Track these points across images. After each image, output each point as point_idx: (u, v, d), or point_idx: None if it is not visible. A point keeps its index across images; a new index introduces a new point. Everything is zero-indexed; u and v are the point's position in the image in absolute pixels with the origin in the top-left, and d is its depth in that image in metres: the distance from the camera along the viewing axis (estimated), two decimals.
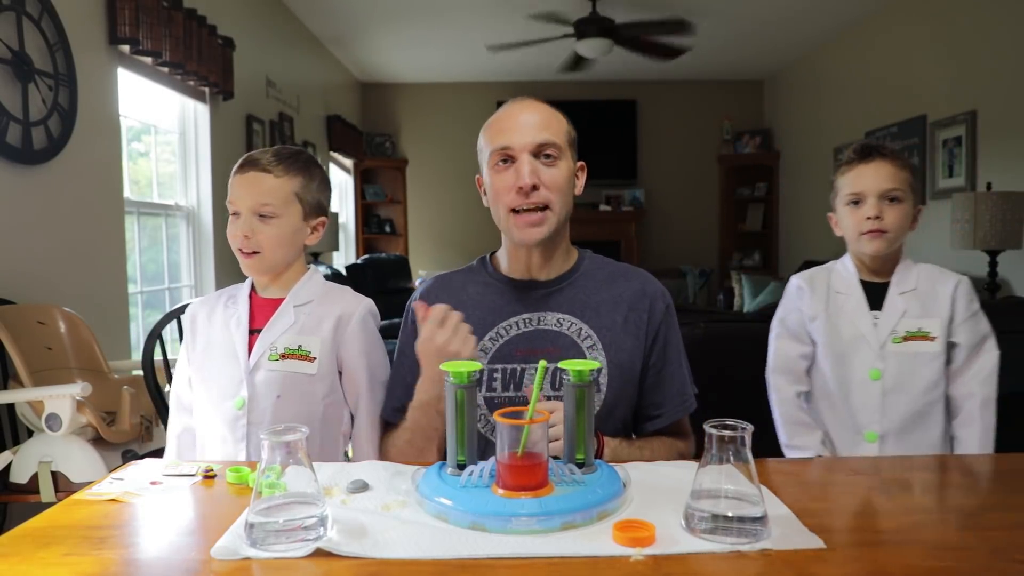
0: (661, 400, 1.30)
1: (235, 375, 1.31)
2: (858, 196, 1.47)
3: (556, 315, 1.27)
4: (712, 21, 5.17)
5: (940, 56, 4.46)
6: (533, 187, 1.20)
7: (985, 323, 1.48)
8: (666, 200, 7.35)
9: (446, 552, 0.78)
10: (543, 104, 1.28)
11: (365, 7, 5.05)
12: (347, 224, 6.93)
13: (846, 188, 1.49)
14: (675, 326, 1.33)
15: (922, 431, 1.44)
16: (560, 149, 1.23)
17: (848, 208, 1.49)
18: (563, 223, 1.27)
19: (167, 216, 3.54)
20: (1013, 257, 3.71)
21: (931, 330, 1.44)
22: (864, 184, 1.46)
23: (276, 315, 1.33)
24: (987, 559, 0.78)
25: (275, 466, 0.82)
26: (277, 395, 1.30)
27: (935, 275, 1.51)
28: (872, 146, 1.49)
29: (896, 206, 1.45)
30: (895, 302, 1.47)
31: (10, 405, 2.04)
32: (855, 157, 1.49)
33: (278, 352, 1.30)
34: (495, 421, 0.90)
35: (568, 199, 1.26)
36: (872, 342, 1.45)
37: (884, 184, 1.45)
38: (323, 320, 1.33)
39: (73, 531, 0.87)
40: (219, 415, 1.32)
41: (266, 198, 1.30)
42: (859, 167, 1.48)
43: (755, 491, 0.82)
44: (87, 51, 2.63)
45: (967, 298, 1.48)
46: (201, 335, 1.38)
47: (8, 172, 2.25)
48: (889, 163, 1.46)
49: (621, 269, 1.35)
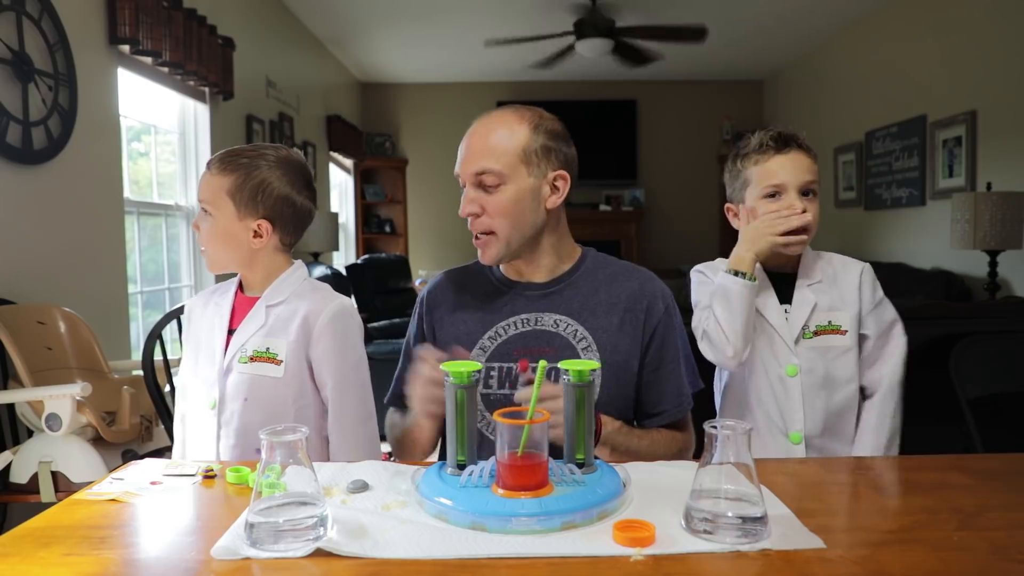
0: (657, 399, 1.30)
1: (210, 375, 1.33)
2: (777, 188, 1.38)
3: (553, 316, 1.29)
4: (712, 21, 5.17)
5: (940, 56, 4.46)
6: (474, 215, 1.25)
7: (891, 310, 1.43)
8: (666, 200, 7.36)
9: (446, 552, 0.78)
10: (508, 115, 1.26)
11: (365, 7, 5.05)
12: (347, 224, 6.93)
13: (763, 180, 1.39)
14: (675, 326, 1.32)
15: (846, 428, 1.40)
16: (501, 175, 1.22)
17: (764, 201, 1.39)
18: (519, 242, 1.26)
19: (167, 216, 3.54)
20: (1013, 257, 3.71)
21: (841, 323, 1.38)
22: (785, 176, 1.37)
23: (249, 315, 1.33)
24: (987, 559, 0.78)
25: (275, 466, 0.82)
26: (244, 398, 1.29)
27: (838, 265, 1.44)
28: (789, 135, 1.40)
29: (814, 200, 1.39)
30: (804, 295, 1.40)
31: (10, 405, 2.04)
32: (772, 146, 1.39)
33: (247, 354, 1.30)
34: (495, 421, 0.91)
35: (520, 219, 1.24)
36: (785, 336, 1.39)
37: (804, 176, 1.37)
38: (290, 321, 1.31)
39: (73, 531, 0.87)
40: (199, 412, 1.35)
41: (203, 194, 1.32)
42: (777, 157, 1.38)
43: (755, 491, 0.82)
44: (87, 51, 2.63)
45: (871, 286, 1.42)
46: (193, 331, 1.41)
47: (8, 172, 2.25)
48: (806, 155, 1.39)
49: (622, 269, 1.35)
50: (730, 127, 7.26)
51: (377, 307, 5.43)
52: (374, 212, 7.34)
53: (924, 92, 4.62)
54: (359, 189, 7.09)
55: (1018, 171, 3.80)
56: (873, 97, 5.24)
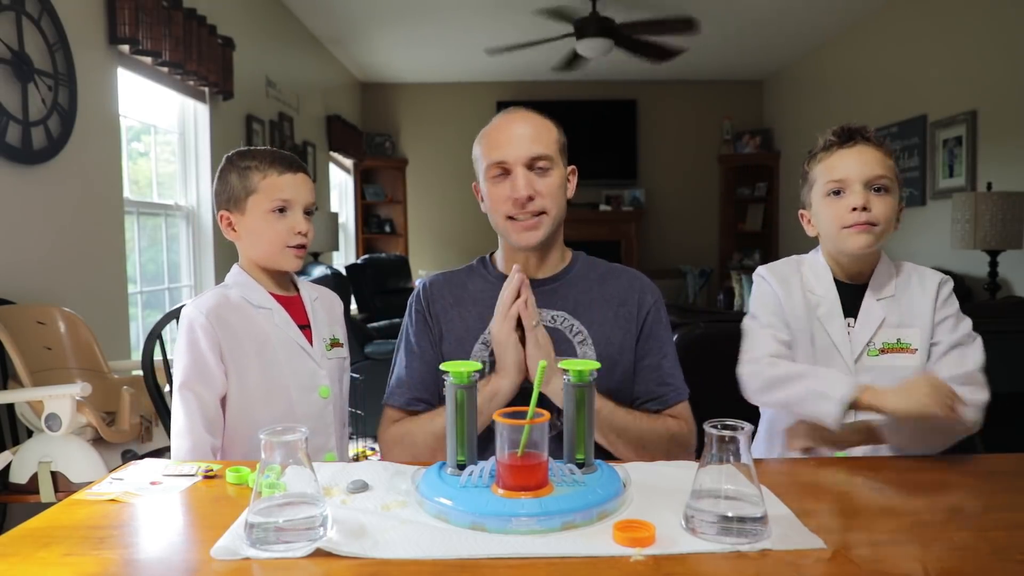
0: (642, 390, 1.32)
1: (309, 368, 1.39)
2: (840, 184, 1.27)
3: (551, 312, 1.32)
4: (712, 21, 5.17)
5: (940, 56, 4.46)
6: (529, 198, 1.27)
7: (967, 324, 1.29)
8: (666, 200, 7.35)
9: (446, 552, 0.78)
10: (534, 114, 1.33)
11: (365, 7, 5.05)
12: (347, 224, 6.93)
13: (824, 176, 1.30)
14: (662, 320, 1.36)
15: None
16: (552, 160, 1.29)
17: (827, 200, 1.29)
18: (558, 225, 1.34)
19: (167, 216, 3.54)
20: (1013, 257, 3.71)
21: (911, 341, 1.27)
22: (847, 170, 1.26)
23: (311, 310, 1.45)
24: (987, 559, 0.78)
25: (275, 466, 0.82)
26: (339, 380, 1.46)
27: (914, 276, 1.32)
28: (854, 128, 1.30)
29: (883, 197, 1.26)
30: (872, 309, 1.28)
31: (10, 405, 2.04)
32: (835, 140, 1.30)
33: (327, 342, 1.45)
34: (495, 421, 0.91)
35: (561, 203, 1.33)
36: (845, 354, 1.28)
37: (871, 170, 1.26)
38: (332, 310, 1.51)
39: (73, 531, 0.87)
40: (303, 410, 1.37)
41: (311, 196, 1.42)
42: (840, 152, 1.29)
43: (755, 491, 0.82)
44: (87, 51, 2.63)
45: (947, 299, 1.30)
46: (244, 338, 1.34)
47: (8, 172, 2.25)
48: (874, 148, 1.28)
49: (612, 269, 1.41)
50: (730, 127, 7.26)
51: (377, 307, 5.43)
52: (374, 212, 7.34)
53: (924, 92, 4.62)
54: (359, 189, 7.09)
55: (1018, 171, 3.81)
56: (873, 97, 5.24)
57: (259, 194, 1.36)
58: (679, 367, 1.35)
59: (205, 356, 1.31)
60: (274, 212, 1.36)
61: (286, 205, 1.37)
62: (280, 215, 1.36)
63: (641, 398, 1.32)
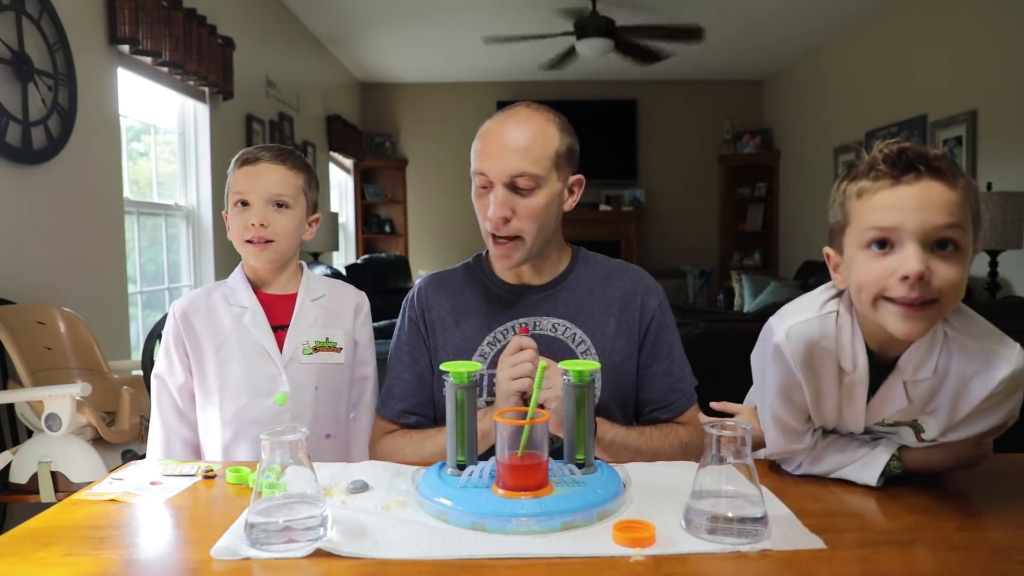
0: (651, 396, 1.29)
1: (267, 371, 1.33)
2: (888, 234, 0.88)
3: (551, 320, 1.27)
4: (712, 21, 5.17)
5: (940, 56, 4.46)
6: (504, 220, 1.19)
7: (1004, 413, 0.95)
8: (666, 200, 7.35)
9: (446, 552, 0.78)
10: (536, 117, 1.21)
11: (365, 7, 5.05)
12: (347, 224, 6.93)
13: (866, 219, 0.90)
14: (668, 323, 1.31)
15: None
16: (538, 178, 1.18)
17: (867, 253, 0.90)
18: (540, 247, 1.25)
19: (167, 216, 3.54)
20: (1013, 257, 3.71)
21: (928, 428, 0.98)
22: (901, 217, 0.87)
23: (298, 310, 1.37)
24: (987, 559, 0.78)
25: (275, 466, 0.82)
26: (315, 387, 1.36)
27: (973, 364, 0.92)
28: (916, 153, 0.88)
29: (951, 258, 0.87)
30: (894, 394, 0.97)
31: (10, 405, 2.04)
32: (887, 171, 0.89)
33: (310, 346, 1.36)
34: (495, 421, 0.91)
35: (547, 223, 1.23)
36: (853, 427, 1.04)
37: (936, 218, 0.86)
38: (341, 311, 1.41)
39: (73, 531, 0.87)
40: (255, 411, 1.32)
41: (280, 188, 1.34)
42: (893, 189, 0.88)
43: (755, 491, 0.82)
44: (87, 51, 2.63)
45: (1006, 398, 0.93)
46: (203, 335, 1.35)
47: (8, 172, 2.25)
48: (944, 184, 0.87)
49: (614, 267, 1.34)
50: (730, 127, 7.26)
51: (377, 307, 5.40)
52: (374, 212, 7.34)
53: (924, 92, 4.62)
54: (359, 189, 7.09)
55: (1018, 171, 3.80)
56: (873, 97, 5.24)
57: (229, 190, 1.36)
58: (687, 365, 1.32)
59: (170, 351, 1.36)
60: (236, 206, 1.34)
61: (243, 198, 1.33)
62: (242, 208, 1.33)
63: (651, 406, 1.29)
